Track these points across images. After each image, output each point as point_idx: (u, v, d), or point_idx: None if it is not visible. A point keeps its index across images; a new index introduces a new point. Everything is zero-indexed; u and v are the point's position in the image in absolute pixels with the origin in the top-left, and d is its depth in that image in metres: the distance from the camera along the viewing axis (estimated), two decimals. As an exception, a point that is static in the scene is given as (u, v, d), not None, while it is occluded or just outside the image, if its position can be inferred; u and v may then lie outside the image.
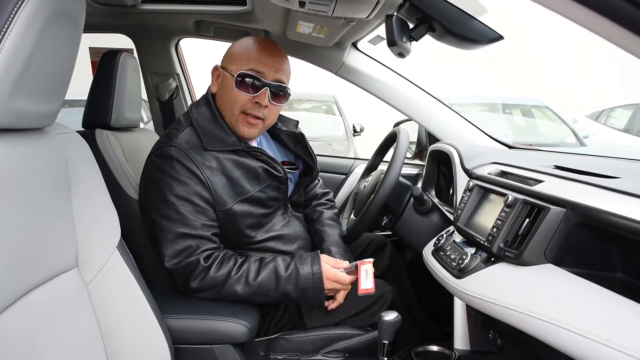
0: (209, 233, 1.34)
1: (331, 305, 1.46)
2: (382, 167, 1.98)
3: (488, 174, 1.40)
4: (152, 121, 2.56)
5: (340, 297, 1.46)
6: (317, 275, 1.35)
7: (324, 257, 1.41)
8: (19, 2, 0.73)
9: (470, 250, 1.18)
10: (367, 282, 1.36)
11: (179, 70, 2.40)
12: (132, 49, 2.28)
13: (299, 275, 1.35)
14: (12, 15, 0.72)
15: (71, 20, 0.86)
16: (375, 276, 1.71)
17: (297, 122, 1.65)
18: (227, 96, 1.40)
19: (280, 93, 1.42)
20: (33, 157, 0.86)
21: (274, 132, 1.61)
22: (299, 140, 1.62)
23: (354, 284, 1.51)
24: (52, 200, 0.90)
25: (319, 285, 1.36)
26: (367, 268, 1.37)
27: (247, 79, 1.37)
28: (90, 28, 1.69)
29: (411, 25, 1.33)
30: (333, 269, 1.40)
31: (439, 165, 1.93)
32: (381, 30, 1.78)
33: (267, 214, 1.47)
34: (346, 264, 1.43)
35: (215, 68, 1.47)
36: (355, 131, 6.50)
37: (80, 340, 0.94)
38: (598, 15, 0.65)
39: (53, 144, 0.93)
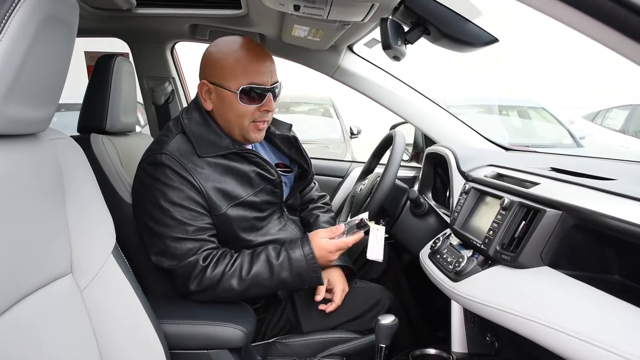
0: (206, 235, 1.33)
1: (329, 308, 1.46)
2: (379, 169, 1.98)
3: (484, 176, 1.40)
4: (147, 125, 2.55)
5: (338, 299, 1.46)
6: (309, 256, 1.34)
7: (317, 233, 1.39)
8: (11, 8, 0.72)
9: (467, 253, 1.18)
10: (376, 248, 1.32)
11: (174, 74, 2.39)
12: (128, 53, 2.28)
13: (291, 260, 1.34)
14: (4, 21, 0.72)
15: (64, 25, 0.86)
16: (372, 280, 1.72)
17: (291, 125, 1.64)
18: (233, 112, 1.38)
19: (276, 91, 1.43)
20: (26, 163, 0.85)
21: (267, 135, 1.60)
22: (293, 143, 1.61)
23: (352, 289, 1.51)
24: (46, 206, 0.90)
25: (314, 266, 1.35)
26: (378, 234, 1.32)
27: (249, 92, 1.36)
28: (85, 32, 1.69)
29: (406, 29, 1.33)
30: (330, 240, 1.37)
31: (436, 168, 1.93)
32: (377, 33, 1.77)
33: (262, 217, 1.46)
34: (342, 227, 1.40)
35: (203, 84, 1.40)
36: (352, 134, 6.46)
37: (75, 346, 0.93)
38: (589, 18, 0.65)
39: (47, 150, 0.93)
